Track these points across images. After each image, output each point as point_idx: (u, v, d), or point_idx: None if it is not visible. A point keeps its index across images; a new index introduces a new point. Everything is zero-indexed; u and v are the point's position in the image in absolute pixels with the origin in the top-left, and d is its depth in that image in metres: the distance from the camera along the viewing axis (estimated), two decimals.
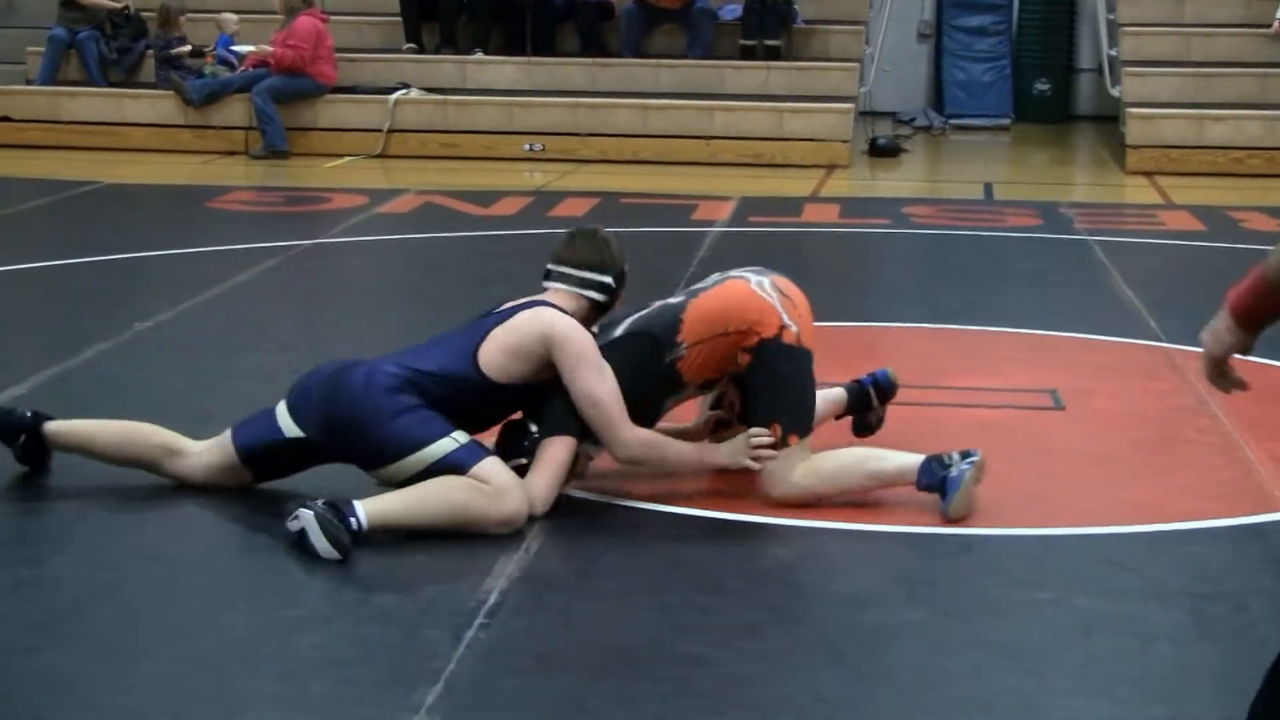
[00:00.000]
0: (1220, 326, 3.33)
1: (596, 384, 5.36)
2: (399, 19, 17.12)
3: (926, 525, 5.35)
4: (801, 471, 5.47)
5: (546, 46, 16.88)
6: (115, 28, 16.66)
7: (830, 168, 15.14)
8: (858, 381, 6.17)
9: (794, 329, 5.50)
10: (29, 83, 16.71)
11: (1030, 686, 4.23)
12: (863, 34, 17.57)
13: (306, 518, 4.99)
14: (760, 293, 5.54)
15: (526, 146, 15.48)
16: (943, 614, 4.71)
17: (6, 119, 16.10)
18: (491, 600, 4.70)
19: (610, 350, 5.50)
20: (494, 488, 5.19)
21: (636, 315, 5.66)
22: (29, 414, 5.69)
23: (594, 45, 16.95)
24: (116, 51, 16.63)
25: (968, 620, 4.69)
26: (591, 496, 5.61)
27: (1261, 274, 3.25)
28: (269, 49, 15.65)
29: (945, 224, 11.99)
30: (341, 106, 15.85)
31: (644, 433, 5.46)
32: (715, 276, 5.73)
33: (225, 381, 7.16)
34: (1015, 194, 14.18)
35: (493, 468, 5.24)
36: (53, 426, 5.65)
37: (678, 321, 5.54)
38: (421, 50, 16.95)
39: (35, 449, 5.68)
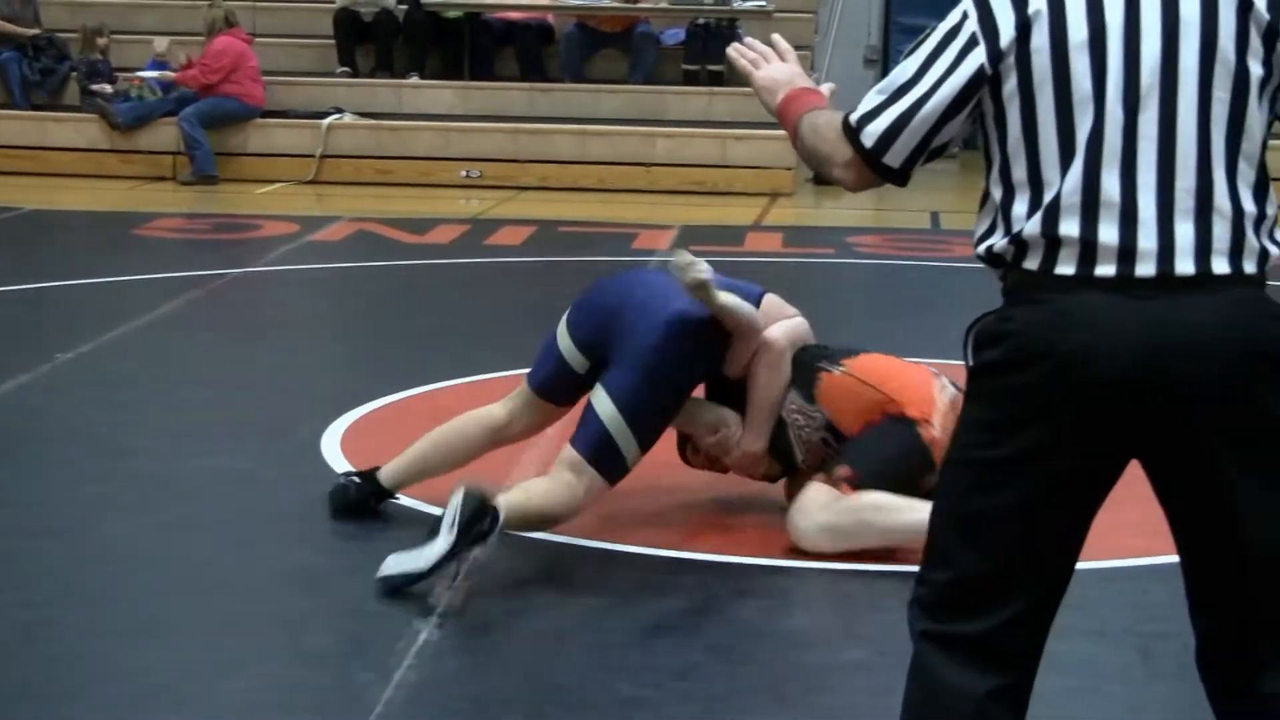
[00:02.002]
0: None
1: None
2: (332, 42, 16.90)
3: (868, 562, 5.23)
4: (828, 509, 5.24)
5: (485, 71, 16.75)
6: (38, 50, 16.36)
7: (774, 195, 15.00)
8: None
9: (938, 434, 5.25)
10: None
11: None
12: (809, 59, 17.43)
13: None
14: (937, 390, 5.37)
15: (464, 173, 15.31)
16: (884, 653, 4.61)
17: None
18: (421, 639, 4.59)
19: None
20: (576, 504, 5.18)
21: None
22: (357, 479, 5.50)
23: (534, 70, 16.77)
24: (40, 73, 16.33)
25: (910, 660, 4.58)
26: (525, 533, 5.48)
27: (794, 127, 3.18)
28: (156, 73, 15.50)
29: (891, 254, 11.89)
30: (273, 131, 15.66)
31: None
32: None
33: (149, 415, 6.99)
34: (963, 223, 14.07)
35: (596, 488, 5.17)
36: (387, 475, 5.48)
37: (858, 351, 5.52)
38: (356, 74, 16.78)
39: (382, 502, 5.52)
